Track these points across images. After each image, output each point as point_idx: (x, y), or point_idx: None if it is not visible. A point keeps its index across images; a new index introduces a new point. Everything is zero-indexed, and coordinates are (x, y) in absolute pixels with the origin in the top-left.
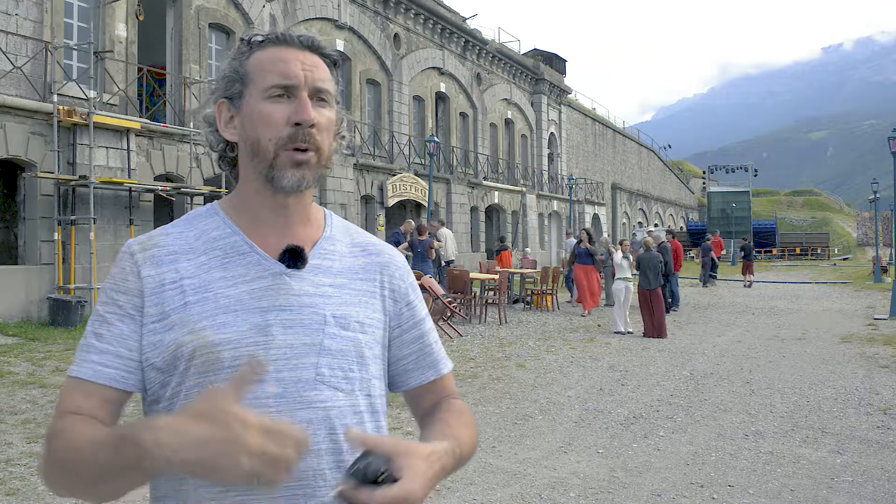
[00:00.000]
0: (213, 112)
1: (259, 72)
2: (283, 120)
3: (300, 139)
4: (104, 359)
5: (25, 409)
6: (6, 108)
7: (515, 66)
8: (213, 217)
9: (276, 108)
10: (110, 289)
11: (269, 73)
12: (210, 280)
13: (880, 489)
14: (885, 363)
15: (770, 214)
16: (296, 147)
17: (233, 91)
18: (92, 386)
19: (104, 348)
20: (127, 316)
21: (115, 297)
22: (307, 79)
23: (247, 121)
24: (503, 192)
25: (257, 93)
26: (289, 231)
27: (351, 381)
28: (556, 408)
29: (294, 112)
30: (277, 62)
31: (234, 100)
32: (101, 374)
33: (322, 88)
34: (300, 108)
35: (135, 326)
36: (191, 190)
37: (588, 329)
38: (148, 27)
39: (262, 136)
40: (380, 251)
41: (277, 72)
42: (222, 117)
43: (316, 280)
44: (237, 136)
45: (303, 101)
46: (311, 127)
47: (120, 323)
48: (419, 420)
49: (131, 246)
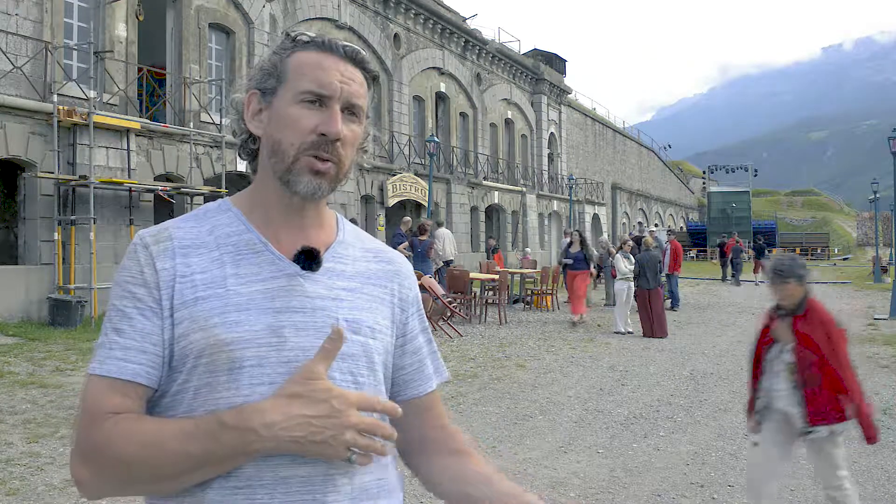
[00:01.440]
0: (242, 99)
1: (297, 73)
2: (311, 128)
3: (323, 149)
4: (128, 355)
5: (25, 409)
6: (6, 108)
7: (515, 66)
8: (227, 213)
9: (305, 113)
10: (126, 282)
11: (306, 78)
12: (222, 276)
13: (880, 489)
14: (885, 363)
15: (770, 214)
16: (316, 155)
17: (266, 85)
18: (121, 384)
19: (127, 344)
20: (148, 309)
21: (133, 290)
22: (343, 91)
23: (274, 119)
24: (503, 192)
25: (290, 94)
26: (302, 233)
27: (360, 385)
28: (556, 408)
29: (323, 122)
30: (316, 68)
31: (265, 93)
32: (126, 371)
33: (355, 104)
34: (330, 121)
35: (157, 320)
36: (191, 190)
37: (588, 329)
38: (148, 27)
39: (286, 138)
40: (391, 259)
41: (315, 78)
42: (251, 108)
43: (329, 283)
44: (261, 130)
45: (334, 113)
46: (336, 140)
47: (141, 317)
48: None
49: (144, 238)
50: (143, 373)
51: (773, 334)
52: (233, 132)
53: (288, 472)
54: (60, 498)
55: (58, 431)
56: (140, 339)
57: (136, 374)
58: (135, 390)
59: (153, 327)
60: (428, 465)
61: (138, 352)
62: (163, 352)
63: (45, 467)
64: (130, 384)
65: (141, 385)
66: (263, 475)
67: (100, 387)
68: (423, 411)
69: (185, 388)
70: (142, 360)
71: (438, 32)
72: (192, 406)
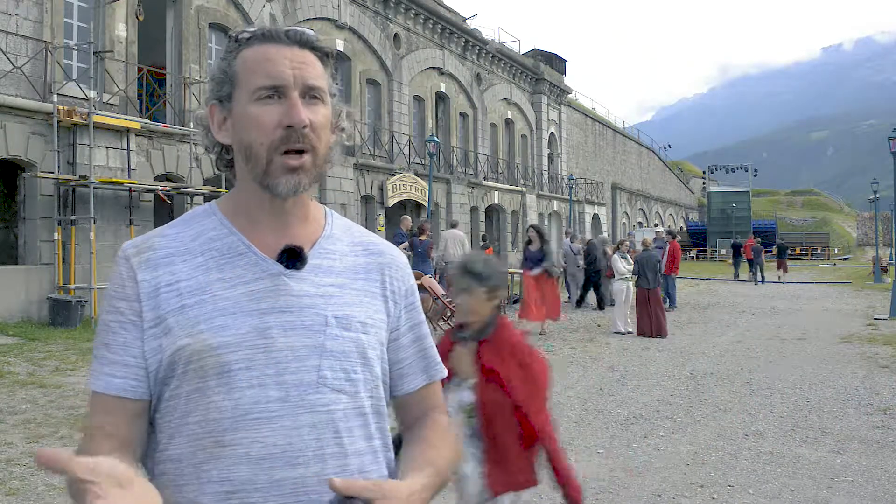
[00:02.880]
0: (205, 114)
1: (246, 72)
2: (274, 122)
3: (293, 141)
4: (113, 369)
5: (25, 409)
6: (6, 108)
7: (515, 66)
8: (211, 217)
9: (265, 110)
10: (111, 296)
11: (255, 74)
12: (207, 282)
13: (880, 489)
14: (885, 363)
15: (770, 214)
16: (288, 150)
17: (222, 93)
18: (107, 399)
19: (113, 358)
20: (129, 322)
21: (116, 304)
22: (296, 77)
23: (238, 124)
24: (503, 192)
25: (246, 95)
26: (287, 231)
27: (354, 382)
28: (556, 408)
29: (285, 114)
30: (264, 62)
31: (223, 101)
32: (112, 385)
33: (313, 86)
34: (291, 110)
35: (136, 332)
36: (191, 190)
37: (588, 329)
38: (148, 27)
39: (254, 140)
40: (381, 251)
41: (264, 72)
42: (215, 120)
43: (316, 280)
44: (230, 138)
45: (293, 101)
46: (304, 128)
47: (122, 330)
48: (405, 429)
49: (126, 250)
50: (128, 387)
51: (450, 364)
52: (205, 147)
53: (282, 474)
54: (60, 498)
55: (58, 431)
56: (122, 352)
57: (121, 389)
58: (121, 405)
59: (133, 339)
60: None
61: (121, 366)
62: (144, 363)
63: None
64: (117, 399)
65: (127, 399)
66: (258, 478)
67: (93, 403)
68: (416, 404)
69: (178, 394)
70: (125, 374)
71: (438, 32)
72: (186, 410)
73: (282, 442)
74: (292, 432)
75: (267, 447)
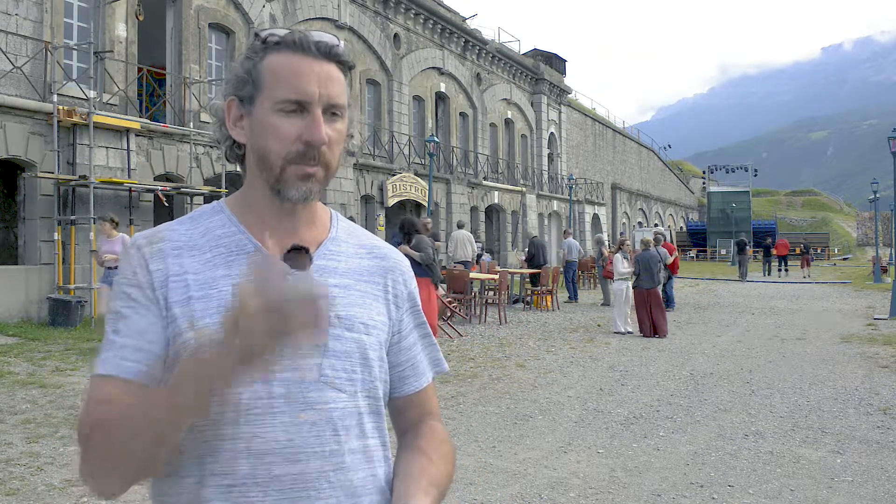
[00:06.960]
0: (222, 105)
1: (272, 80)
2: (294, 136)
3: (309, 157)
4: (124, 353)
5: (25, 409)
6: (6, 108)
7: (515, 66)
8: (219, 215)
9: (287, 122)
10: (122, 284)
11: (282, 85)
12: (214, 277)
13: (880, 489)
14: (885, 363)
15: (770, 214)
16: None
17: (244, 92)
18: (116, 381)
19: (123, 343)
20: (143, 307)
21: (128, 290)
22: (322, 95)
23: (256, 128)
24: (503, 192)
25: (269, 103)
26: (294, 233)
27: (354, 382)
28: (556, 408)
29: (306, 130)
30: (292, 75)
31: (244, 101)
32: (122, 368)
33: (337, 104)
34: (313, 128)
35: (152, 318)
36: (191, 190)
37: (588, 329)
38: (148, 27)
39: (272, 149)
40: (385, 255)
41: (292, 86)
42: (231, 115)
43: (321, 280)
44: (244, 137)
45: (316, 119)
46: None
47: (136, 316)
48: (400, 434)
49: (138, 240)
50: (138, 370)
51: None
52: (216, 139)
53: (281, 469)
54: (60, 498)
55: (58, 431)
56: (136, 336)
57: (131, 372)
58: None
59: (149, 325)
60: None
61: (134, 349)
62: (161, 349)
63: (45, 467)
64: (123, 381)
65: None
66: (257, 473)
67: (93, 386)
68: (415, 406)
69: None
70: (138, 358)
71: (438, 32)
72: None
73: (282, 438)
74: (292, 429)
75: (268, 442)
